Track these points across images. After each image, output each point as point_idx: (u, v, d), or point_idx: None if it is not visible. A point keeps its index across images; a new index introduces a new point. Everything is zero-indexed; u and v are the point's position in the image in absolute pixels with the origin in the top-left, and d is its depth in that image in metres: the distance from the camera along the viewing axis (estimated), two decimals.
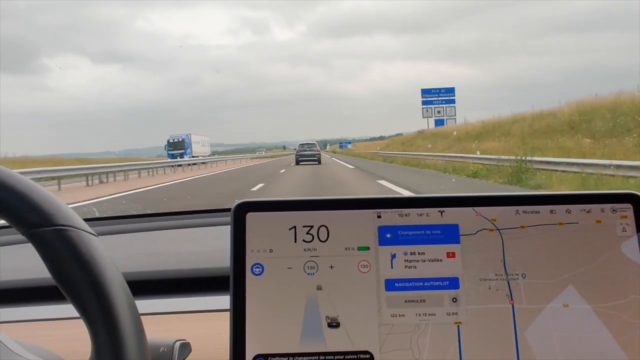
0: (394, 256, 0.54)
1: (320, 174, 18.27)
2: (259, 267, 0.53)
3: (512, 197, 0.56)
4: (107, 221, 1.40)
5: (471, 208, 0.55)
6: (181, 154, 43.38)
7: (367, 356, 0.51)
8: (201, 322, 0.81)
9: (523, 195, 0.56)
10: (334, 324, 0.52)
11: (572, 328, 0.53)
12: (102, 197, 10.45)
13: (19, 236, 1.14)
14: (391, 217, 0.54)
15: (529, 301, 0.53)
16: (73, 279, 0.42)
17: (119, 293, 0.43)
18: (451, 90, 49.99)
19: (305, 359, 0.51)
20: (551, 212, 0.55)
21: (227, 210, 1.43)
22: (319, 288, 0.53)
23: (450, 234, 0.54)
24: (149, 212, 1.58)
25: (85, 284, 0.42)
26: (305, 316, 0.52)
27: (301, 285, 0.53)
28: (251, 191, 11.28)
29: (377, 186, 11.67)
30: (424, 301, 0.53)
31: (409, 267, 0.54)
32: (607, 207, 0.56)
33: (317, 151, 29.60)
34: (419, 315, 0.53)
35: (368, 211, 0.54)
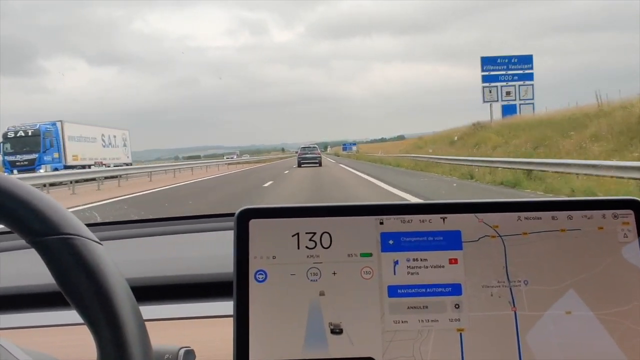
0: (396, 262, 0.54)
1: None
2: (262, 274, 0.53)
3: (513, 203, 0.56)
4: (111, 226, 1.40)
5: (473, 214, 0.55)
6: (31, 161, 23.87)
7: None
8: (204, 328, 0.81)
9: (525, 201, 0.56)
10: (337, 330, 0.52)
11: (574, 335, 0.53)
12: None
13: (20, 242, 1.15)
14: (394, 224, 0.55)
15: (531, 308, 0.53)
16: (79, 287, 0.43)
17: (124, 301, 0.44)
18: (528, 60, 32.02)
19: None
20: (553, 218, 0.55)
21: (230, 215, 1.43)
22: (322, 294, 0.53)
23: (452, 241, 0.55)
24: (151, 217, 1.58)
25: (90, 292, 0.43)
26: (308, 322, 0.52)
27: (304, 292, 0.53)
28: None
29: None
30: (426, 307, 0.53)
31: (412, 274, 0.54)
32: (608, 213, 0.56)
33: (318, 154, 32.30)
34: (422, 321, 0.53)
35: (370, 218, 0.55)
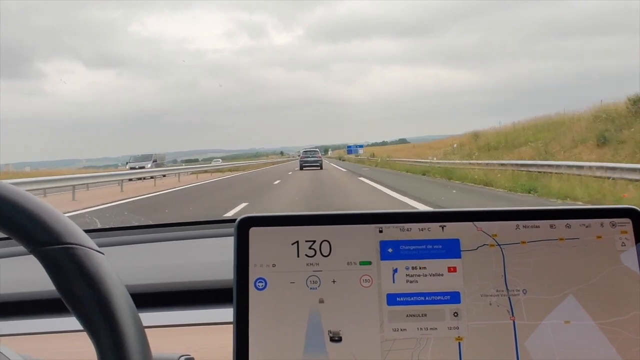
0: (395, 271, 0.54)
1: None
2: (262, 282, 0.53)
3: (512, 212, 0.56)
4: (111, 232, 1.40)
5: (472, 223, 0.56)
6: None
7: None
8: (204, 335, 0.81)
9: (523, 210, 0.56)
10: (336, 338, 0.52)
11: (573, 344, 0.53)
12: None
13: (19, 248, 1.15)
14: (393, 232, 0.55)
15: (530, 317, 0.54)
16: (80, 296, 0.43)
17: (124, 309, 0.44)
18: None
19: None
20: (551, 226, 0.56)
21: (229, 221, 1.44)
22: (321, 302, 0.53)
23: (451, 249, 0.55)
24: (151, 223, 1.58)
25: (91, 301, 0.43)
26: (307, 330, 0.52)
27: (304, 300, 0.53)
28: None
29: None
30: (425, 315, 0.53)
31: (411, 282, 0.54)
32: (606, 221, 0.56)
33: (319, 157, 33.50)
34: (421, 329, 0.53)
35: (370, 226, 0.55)
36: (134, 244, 1.29)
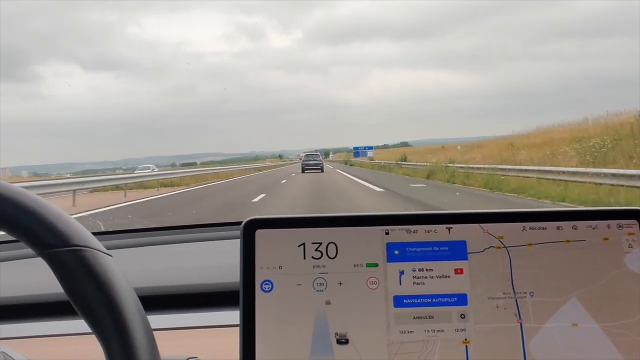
0: (402, 272, 0.54)
1: None
2: (268, 284, 0.53)
3: (518, 214, 0.56)
4: (117, 235, 1.41)
5: (478, 225, 0.55)
6: None
7: None
8: (211, 338, 0.82)
9: (529, 212, 0.56)
10: (343, 340, 0.52)
11: (581, 347, 0.53)
12: None
13: (23, 251, 1.15)
14: (399, 234, 0.55)
15: (537, 320, 0.53)
16: (88, 298, 0.43)
17: (133, 312, 0.44)
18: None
19: None
20: (558, 228, 0.56)
21: (235, 224, 1.44)
22: (328, 304, 0.53)
23: (458, 251, 0.55)
24: (157, 226, 1.59)
25: (100, 303, 0.43)
26: (314, 333, 0.52)
27: (310, 302, 0.53)
28: None
29: None
30: (432, 317, 0.53)
31: (417, 284, 0.54)
32: (613, 223, 0.56)
33: (320, 161, 34.73)
34: (428, 331, 0.53)
35: (376, 228, 0.55)
36: (140, 246, 1.29)
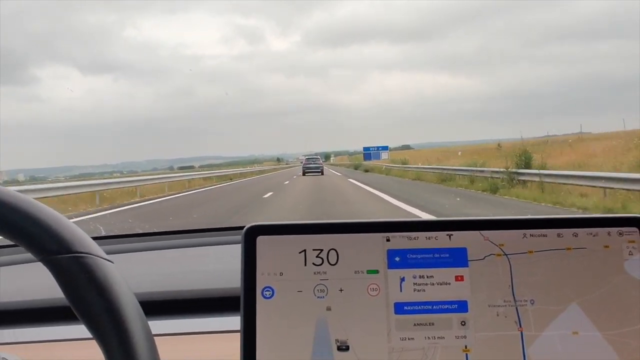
0: (403, 279, 0.54)
1: None
2: (269, 290, 0.53)
3: (519, 221, 0.56)
4: (117, 240, 1.41)
5: (479, 232, 0.56)
6: None
7: None
8: (211, 343, 0.81)
9: (530, 219, 0.56)
10: (343, 347, 0.52)
11: (582, 356, 0.53)
12: None
13: (22, 256, 1.15)
14: (400, 241, 0.55)
15: (538, 328, 0.53)
16: (90, 305, 0.43)
17: (134, 318, 0.44)
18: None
19: None
20: (558, 235, 0.56)
21: (236, 229, 1.44)
22: (329, 311, 0.53)
23: (458, 258, 0.55)
24: (158, 230, 1.59)
25: (101, 310, 0.43)
26: (315, 339, 0.52)
27: (311, 309, 0.53)
28: None
29: None
30: (432, 324, 0.53)
31: (418, 291, 0.54)
32: (613, 230, 0.56)
33: (320, 164, 35.84)
34: (428, 338, 0.53)
35: (377, 235, 0.55)
36: (141, 251, 1.29)
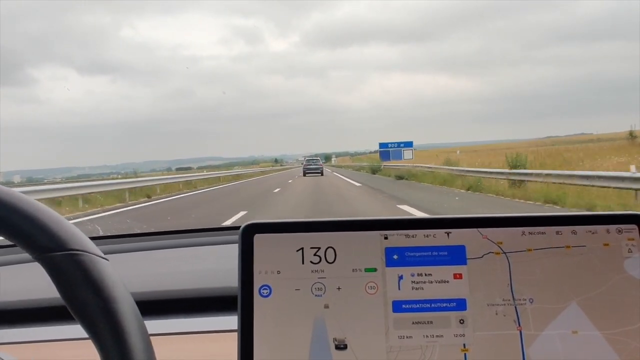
0: (401, 277, 0.54)
1: None
2: (266, 289, 0.53)
3: (517, 218, 0.56)
4: (114, 240, 1.40)
5: (477, 230, 0.55)
6: None
7: None
8: (208, 343, 0.81)
9: (528, 216, 0.56)
10: (341, 345, 0.52)
11: (581, 355, 0.52)
12: None
13: (20, 255, 1.14)
14: (398, 239, 0.55)
15: (537, 327, 0.53)
16: (85, 303, 0.43)
17: (130, 317, 0.44)
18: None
19: None
20: (557, 233, 0.55)
21: (233, 229, 1.44)
22: (326, 309, 0.53)
23: (456, 255, 0.55)
24: (155, 230, 1.59)
25: (97, 308, 0.43)
26: (312, 338, 0.52)
27: (309, 307, 0.53)
28: None
29: None
30: (431, 322, 0.53)
31: (416, 289, 0.54)
32: (612, 228, 0.56)
33: (320, 165, 35.57)
34: (426, 336, 0.53)
35: (375, 232, 0.55)
36: (138, 251, 1.29)
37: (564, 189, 11.38)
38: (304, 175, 32.48)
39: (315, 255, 0.54)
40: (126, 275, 0.72)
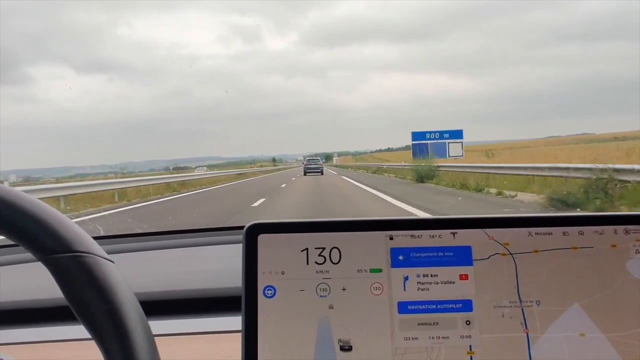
0: (406, 278, 0.53)
1: None
2: (271, 290, 0.53)
3: (524, 219, 0.55)
4: (117, 239, 1.40)
5: (483, 230, 0.55)
6: None
7: None
8: (212, 344, 0.81)
9: (535, 216, 0.55)
10: (346, 347, 0.52)
11: (588, 358, 0.52)
12: None
13: (22, 255, 1.14)
14: (403, 239, 0.54)
15: (543, 330, 0.53)
16: (89, 305, 0.43)
17: (134, 318, 0.43)
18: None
19: None
20: (564, 233, 0.55)
21: (237, 228, 1.43)
22: (331, 310, 0.52)
23: (463, 256, 0.54)
24: (158, 230, 1.58)
25: (101, 310, 0.42)
26: (317, 339, 0.52)
27: (313, 308, 0.52)
28: None
29: None
30: (437, 324, 0.53)
31: (422, 290, 0.53)
32: (620, 228, 0.55)
33: (321, 165, 36.79)
34: (432, 338, 0.52)
35: (380, 233, 0.54)
36: (141, 251, 1.29)
37: None
38: (305, 174, 32.91)
39: (320, 255, 0.53)
40: (130, 275, 0.72)
